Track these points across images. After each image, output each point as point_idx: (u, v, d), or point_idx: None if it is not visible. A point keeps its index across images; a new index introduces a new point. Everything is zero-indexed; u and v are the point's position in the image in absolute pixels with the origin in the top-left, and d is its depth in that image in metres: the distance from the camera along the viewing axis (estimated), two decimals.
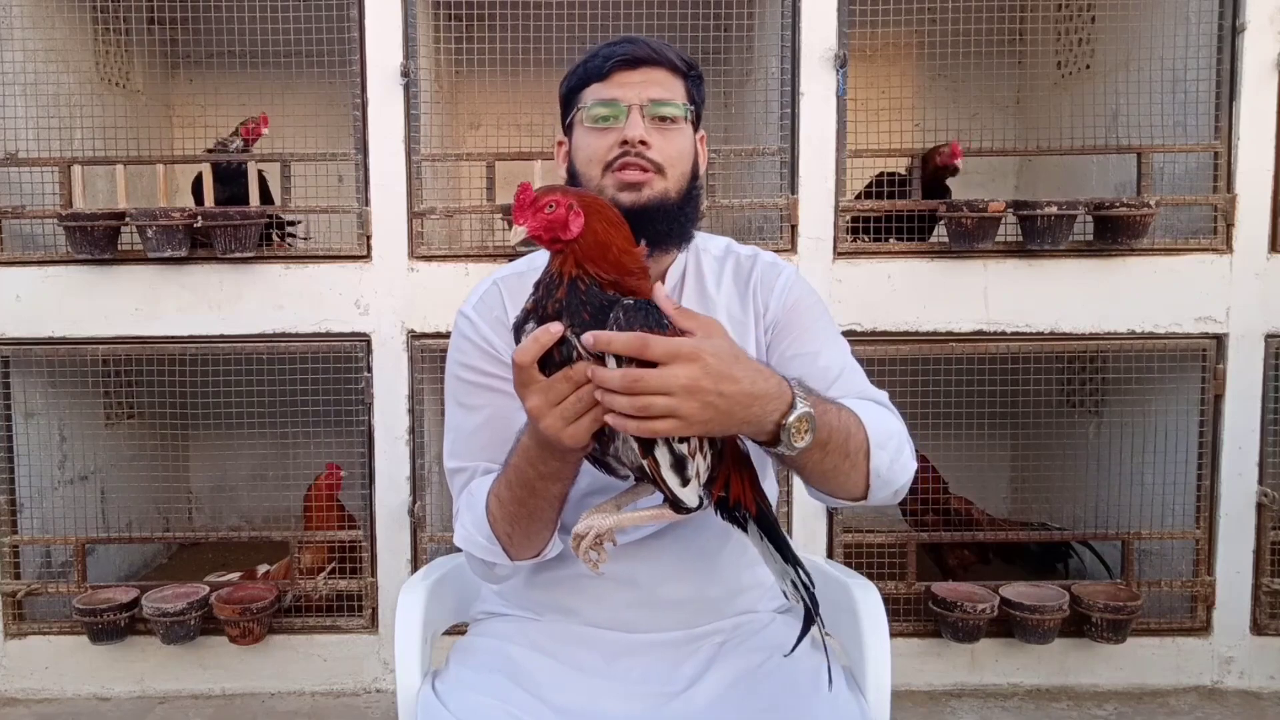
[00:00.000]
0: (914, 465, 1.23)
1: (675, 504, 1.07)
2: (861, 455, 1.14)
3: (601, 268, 1.05)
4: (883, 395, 1.31)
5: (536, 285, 1.07)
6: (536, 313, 1.06)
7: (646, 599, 1.34)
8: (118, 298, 2.60)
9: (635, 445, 1.04)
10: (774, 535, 1.13)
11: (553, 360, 1.03)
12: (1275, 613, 2.67)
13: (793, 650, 1.19)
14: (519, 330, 1.07)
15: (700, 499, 1.08)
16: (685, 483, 1.05)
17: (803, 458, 1.08)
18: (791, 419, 1.03)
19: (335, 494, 2.78)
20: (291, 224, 2.76)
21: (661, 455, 1.03)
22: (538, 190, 1.05)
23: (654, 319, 1.01)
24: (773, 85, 2.60)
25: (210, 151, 2.72)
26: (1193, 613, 2.68)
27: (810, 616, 1.14)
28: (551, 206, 1.04)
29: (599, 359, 0.99)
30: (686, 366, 0.96)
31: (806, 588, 1.12)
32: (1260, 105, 2.54)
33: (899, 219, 2.62)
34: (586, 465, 1.14)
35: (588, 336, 0.99)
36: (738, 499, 1.09)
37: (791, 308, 1.36)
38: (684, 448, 1.03)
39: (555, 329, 1.02)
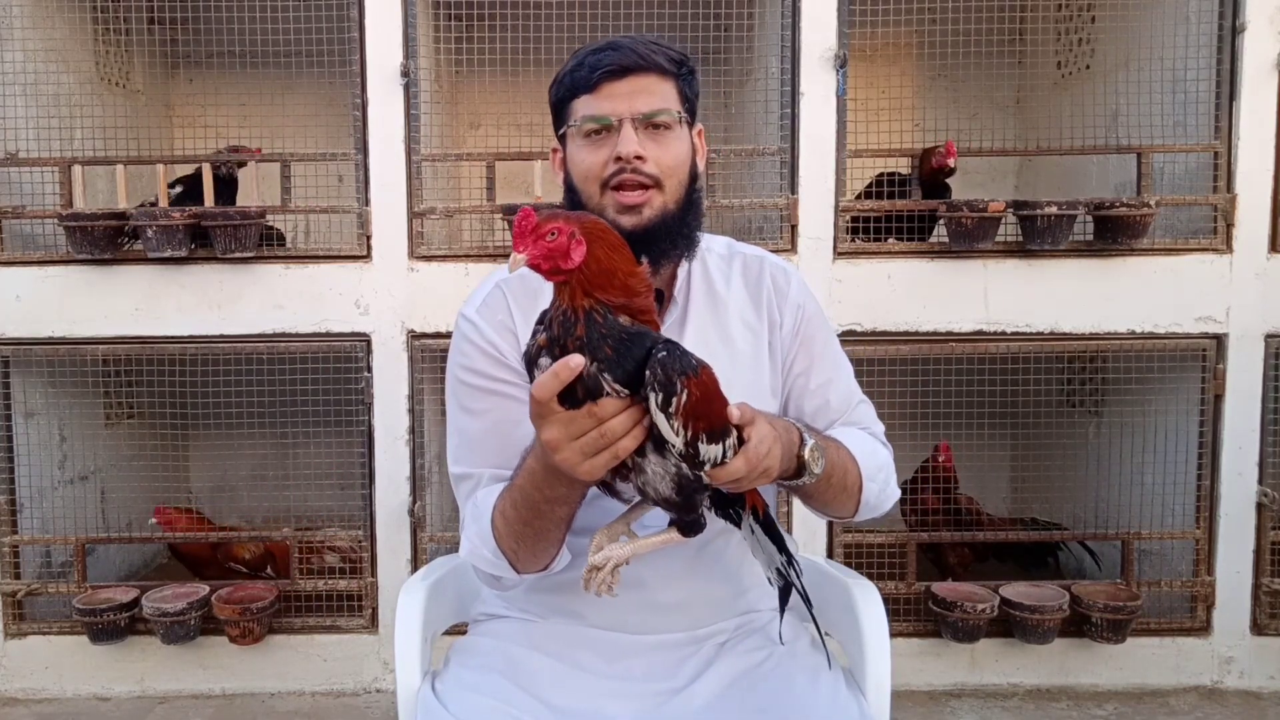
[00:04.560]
0: (897, 493, 1.40)
1: (684, 528, 1.11)
2: (856, 488, 1.30)
3: (610, 294, 1.04)
4: (880, 428, 1.45)
5: (547, 320, 1.05)
6: (552, 349, 1.04)
7: (652, 601, 1.34)
8: (118, 298, 2.60)
9: (675, 478, 1.06)
10: (770, 529, 1.19)
11: (573, 393, 1.02)
12: (1275, 613, 2.67)
13: (781, 617, 1.30)
14: (532, 363, 1.06)
15: (705, 522, 1.12)
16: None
17: (814, 487, 1.21)
18: (808, 450, 1.18)
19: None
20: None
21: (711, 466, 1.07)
22: (540, 217, 1.03)
23: (688, 362, 1.02)
24: (773, 85, 2.60)
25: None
26: (1193, 613, 2.68)
27: (787, 592, 1.22)
28: (553, 235, 1.02)
29: (630, 395, 1.02)
30: (777, 444, 1.10)
31: (791, 566, 1.19)
32: (1260, 105, 2.54)
33: (899, 219, 2.62)
34: None
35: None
36: (751, 503, 1.16)
37: (805, 325, 1.40)
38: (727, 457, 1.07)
39: (576, 363, 1.00)
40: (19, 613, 2.67)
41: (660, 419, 1.01)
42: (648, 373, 1.00)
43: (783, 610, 1.28)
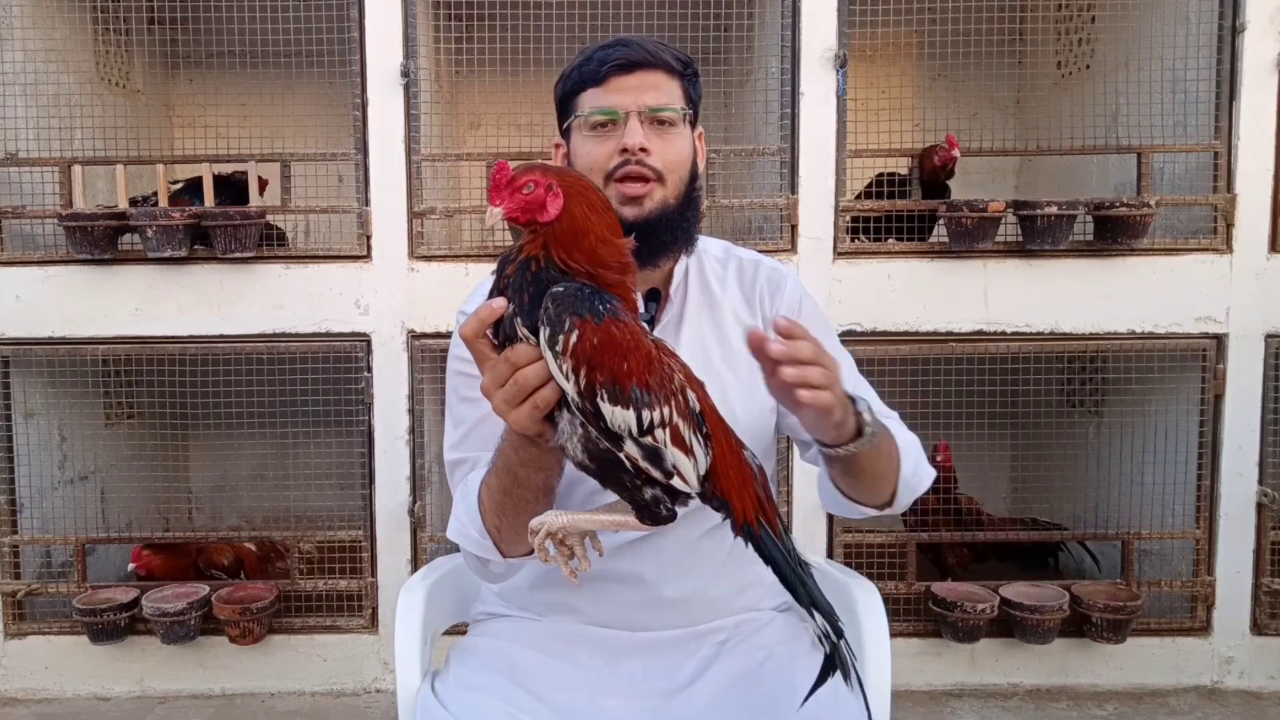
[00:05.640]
0: (932, 473, 1.33)
1: (638, 512, 1.02)
2: (897, 461, 1.25)
3: (573, 256, 0.99)
4: (894, 415, 1.39)
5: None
6: (495, 290, 1.02)
7: (650, 597, 1.34)
8: (118, 298, 2.60)
9: (583, 440, 0.98)
10: (776, 567, 1.04)
11: (504, 338, 1.00)
12: (1275, 613, 2.67)
13: (803, 702, 1.11)
14: None
15: (672, 509, 1.02)
16: (669, 475, 0.98)
17: (868, 456, 1.16)
18: (861, 406, 1.13)
19: None
20: None
21: (632, 449, 0.97)
22: (516, 169, 1.00)
23: (590, 305, 0.96)
24: (773, 85, 2.60)
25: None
26: (1193, 613, 2.68)
27: (828, 666, 1.04)
28: (530, 187, 0.99)
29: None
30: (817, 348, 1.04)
31: (827, 636, 1.02)
32: (1260, 105, 2.54)
33: (899, 219, 2.62)
34: None
35: (754, 337, 1.01)
36: (747, 518, 1.03)
37: (799, 318, 1.38)
38: (650, 439, 0.97)
39: (498, 304, 1.00)
40: (19, 613, 2.67)
41: (548, 356, 0.96)
42: (541, 308, 0.96)
43: (815, 686, 1.05)
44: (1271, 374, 2.60)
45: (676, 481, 0.99)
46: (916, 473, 1.29)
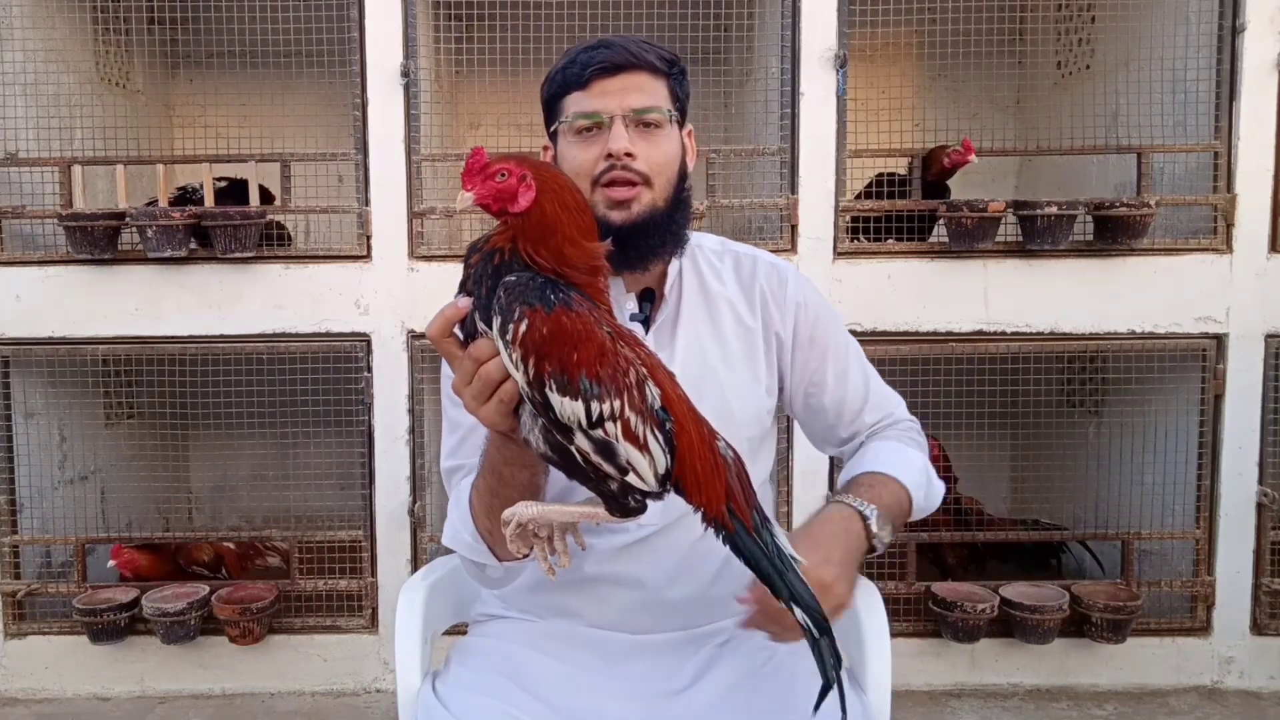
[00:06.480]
0: (942, 486, 1.40)
1: (608, 503, 1.00)
2: (909, 504, 1.33)
3: (539, 253, 0.97)
4: (899, 403, 1.47)
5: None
6: (462, 282, 1.02)
7: (650, 600, 1.33)
8: (118, 298, 2.59)
9: (543, 431, 0.97)
10: (752, 561, 1.02)
11: (466, 334, 1.00)
12: (1275, 613, 2.67)
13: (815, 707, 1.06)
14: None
15: (642, 501, 1.00)
16: (624, 471, 0.96)
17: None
18: (875, 527, 1.22)
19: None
20: None
21: (583, 442, 0.95)
22: (492, 156, 0.99)
23: (540, 295, 0.94)
24: (773, 85, 2.60)
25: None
26: (1193, 613, 2.68)
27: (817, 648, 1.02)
28: (503, 175, 0.98)
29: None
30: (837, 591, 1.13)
31: (809, 631, 1.00)
32: (1260, 105, 2.54)
33: (898, 219, 2.62)
34: None
35: None
36: (713, 512, 1.01)
37: (809, 321, 1.40)
38: (601, 432, 0.95)
39: (462, 304, 1.00)
40: (19, 613, 2.67)
41: (500, 346, 0.95)
42: (494, 298, 0.95)
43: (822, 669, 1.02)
44: (1271, 374, 2.60)
45: (633, 478, 0.97)
46: (926, 498, 1.36)
